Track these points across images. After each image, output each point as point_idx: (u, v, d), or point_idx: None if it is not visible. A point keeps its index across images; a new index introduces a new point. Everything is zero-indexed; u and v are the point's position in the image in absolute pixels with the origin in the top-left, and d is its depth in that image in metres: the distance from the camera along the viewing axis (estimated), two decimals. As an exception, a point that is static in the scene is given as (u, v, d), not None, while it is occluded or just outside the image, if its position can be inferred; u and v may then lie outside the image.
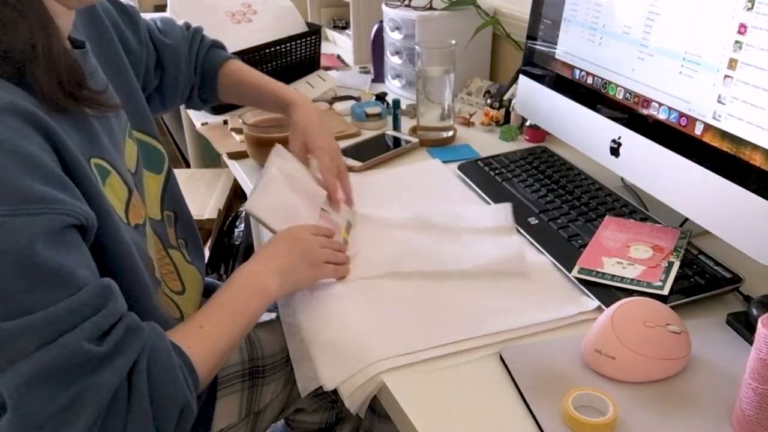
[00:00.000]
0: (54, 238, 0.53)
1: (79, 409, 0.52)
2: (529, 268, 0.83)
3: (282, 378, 0.91)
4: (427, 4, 1.47)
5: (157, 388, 0.57)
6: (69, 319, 0.53)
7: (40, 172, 0.54)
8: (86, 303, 0.54)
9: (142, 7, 2.80)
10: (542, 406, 0.61)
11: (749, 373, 0.56)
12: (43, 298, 0.51)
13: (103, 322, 0.55)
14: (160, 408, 0.57)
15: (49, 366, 0.51)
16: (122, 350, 0.56)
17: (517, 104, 1.21)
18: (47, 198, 0.53)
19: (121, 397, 0.55)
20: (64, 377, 0.52)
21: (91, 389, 0.53)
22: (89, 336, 0.54)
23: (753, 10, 0.69)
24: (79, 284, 0.54)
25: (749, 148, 0.71)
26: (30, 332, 0.51)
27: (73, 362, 0.52)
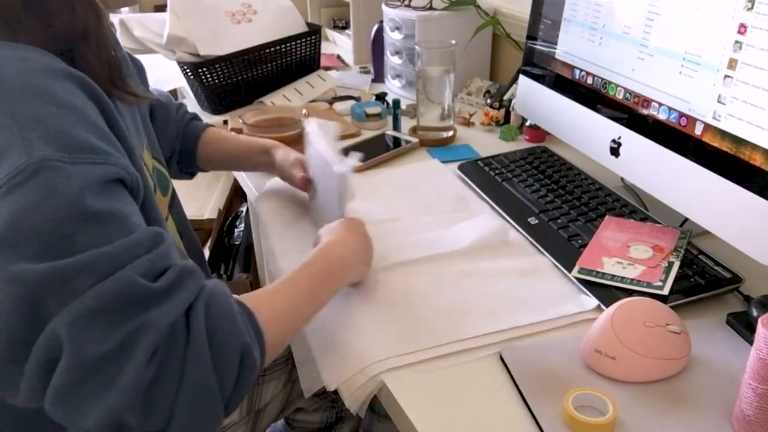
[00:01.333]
0: (108, 186, 0.54)
1: (135, 347, 0.50)
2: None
3: (282, 377, 0.91)
4: (427, 4, 1.47)
5: (215, 331, 0.55)
6: (122, 257, 0.52)
7: (95, 128, 0.56)
8: (139, 243, 0.54)
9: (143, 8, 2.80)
10: (542, 406, 0.61)
11: (749, 373, 0.56)
12: (96, 239, 0.51)
13: (157, 262, 0.54)
14: (219, 352, 0.54)
15: (102, 303, 0.50)
16: (178, 289, 0.54)
17: (517, 104, 1.21)
18: (103, 150, 0.55)
19: (178, 338, 0.53)
20: (117, 314, 0.51)
21: (146, 326, 0.51)
22: (143, 272, 0.53)
23: (753, 10, 0.69)
24: (131, 228, 0.54)
25: (749, 148, 0.71)
26: (83, 270, 0.50)
27: (127, 298, 0.51)
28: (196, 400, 0.52)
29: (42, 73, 0.55)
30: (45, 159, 0.51)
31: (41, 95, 0.54)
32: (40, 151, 0.51)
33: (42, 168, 0.51)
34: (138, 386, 0.50)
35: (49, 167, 0.51)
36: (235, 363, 0.55)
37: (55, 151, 0.52)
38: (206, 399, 0.53)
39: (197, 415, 0.53)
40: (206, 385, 0.53)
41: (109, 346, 0.50)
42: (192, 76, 1.40)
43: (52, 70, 0.56)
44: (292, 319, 0.66)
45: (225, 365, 0.54)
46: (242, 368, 0.56)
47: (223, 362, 0.54)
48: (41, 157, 0.51)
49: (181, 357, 0.52)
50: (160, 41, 1.38)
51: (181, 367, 0.52)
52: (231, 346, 0.55)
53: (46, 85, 0.55)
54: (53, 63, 0.57)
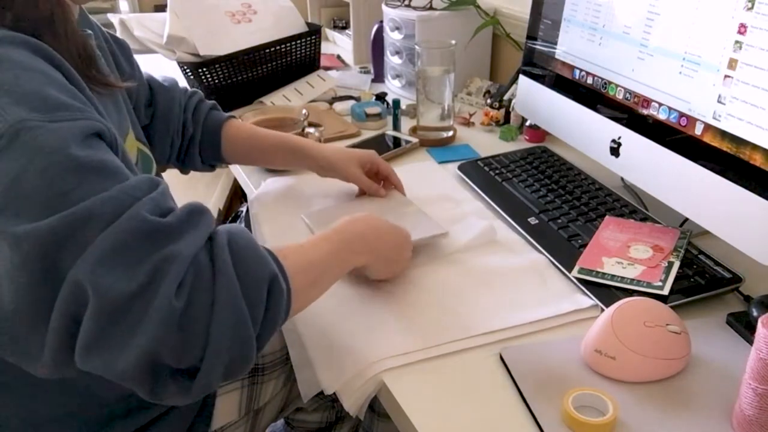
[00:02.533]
0: (91, 140, 0.54)
1: (161, 281, 0.50)
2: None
3: (282, 376, 0.91)
4: (427, 4, 1.47)
5: (240, 259, 0.54)
6: (125, 199, 0.52)
7: (63, 87, 0.56)
8: (138, 186, 0.54)
9: (142, 8, 2.79)
10: (542, 406, 0.61)
11: (749, 373, 0.56)
12: (93, 188, 0.51)
13: (161, 201, 0.54)
14: (247, 280, 0.54)
15: (119, 243, 0.50)
16: (191, 224, 0.54)
17: (517, 104, 1.21)
18: (77, 107, 0.55)
19: (204, 268, 0.53)
20: (137, 251, 0.50)
21: (169, 258, 0.51)
22: (152, 210, 0.52)
23: (753, 10, 0.69)
24: (125, 175, 0.54)
25: (749, 148, 0.71)
26: (89, 216, 0.50)
27: (143, 234, 0.51)
28: (229, 330, 0.52)
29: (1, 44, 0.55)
30: (22, 120, 0.51)
31: (3, 62, 0.54)
32: (14, 114, 0.51)
33: (21, 130, 0.50)
34: (170, 319, 0.49)
35: (28, 128, 0.51)
36: (263, 291, 0.55)
37: (29, 113, 0.51)
38: (238, 328, 0.52)
39: (231, 347, 0.52)
40: (237, 313, 0.52)
41: (135, 284, 0.49)
42: (192, 76, 1.40)
43: (7, 38, 0.55)
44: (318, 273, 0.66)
45: (254, 293, 0.54)
46: (270, 297, 0.55)
47: (252, 290, 0.54)
48: (17, 119, 0.51)
49: (210, 286, 0.52)
50: (160, 41, 1.38)
51: (211, 297, 0.51)
52: (258, 274, 0.55)
53: (6, 53, 0.54)
54: (8, 33, 0.56)
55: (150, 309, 0.49)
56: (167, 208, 0.55)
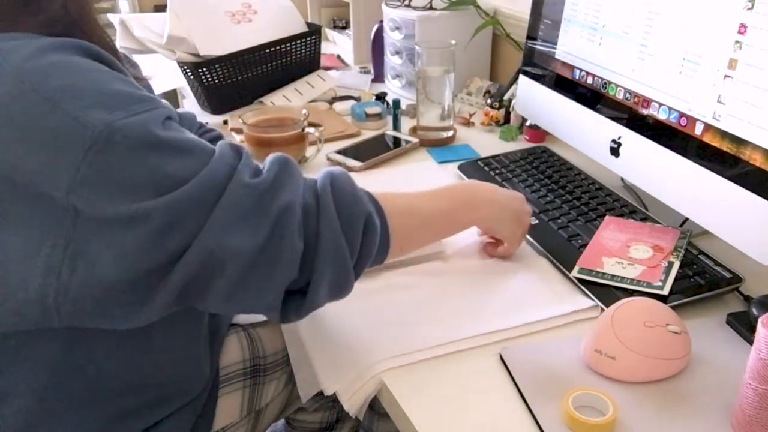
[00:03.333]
0: (167, 125, 0.57)
1: (284, 230, 0.57)
2: (529, 266, 0.83)
3: (283, 377, 0.91)
4: (427, 4, 1.47)
5: (340, 200, 0.62)
6: (225, 169, 0.57)
7: (125, 81, 0.58)
8: (229, 154, 0.59)
9: (142, 8, 2.79)
10: (542, 406, 0.61)
11: (749, 373, 0.56)
12: (195, 164, 0.55)
13: (251, 164, 0.60)
14: (345, 216, 0.62)
15: (235, 210, 0.55)
16: (287, 173, 0.61)
17: (517, 104, 1.21)
18: (146, 97, 0.57)
19: (311, 212, 0.60)
20: (253, 212, 0.56)
21: (283, 210, 0.58)
22: (249, 174, 0.58)
23: (753, 10, 0.69)
24: (212, 148, 0.59)
25: (749, 148, 0.71)
26: (201, 190, 0.54)
27: (252, 197, 0.56)
28: (331, 261, 0.60)
29: (48, 50, 0.55)
30: (108, 124, 0.52)
31: (61, 68, 0.54)
32: (98, 118, 0.52)
33: (110, 133, 0.52)
34: (294, 259, 0.58)
35: (117, 128, 0.52)
36: (359, 227, 0.63)
37: (111, 113, 0.53)
38: (338, 259, 0.61)
39: (332, 274, 0.61)
40: (337, 247, 0.61)
41: (262, 239, 0.56)
42: (192, 76, 1.40)
43: (54, 44, 0.56)
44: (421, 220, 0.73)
45: (351, 229, 0.62)
46: (366, 233, 0.63)
47: (349, 226, 0.62)
48: (104, 123, 0.52)
49: (316, 226, 0.60)
50: (160, 41, 1.38)
51: (318, 234, 0.60)
52: (355, 211, 0.63)
53: (58, 58, 0.55)
54: (48, 41, 0.57)
55: (281, 255, 0.57)
56: (257, 167, 0.61)
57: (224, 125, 1.38)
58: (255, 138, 1.13)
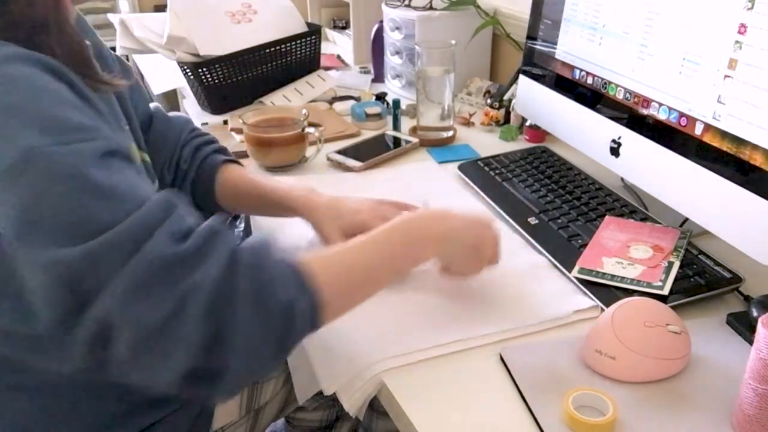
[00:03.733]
0: (104, 161, 0.54)
1: (186, 310, 0.51)
2: (529, 266, 0.83)
3: (282, 375, 0.91)
4: (427, 4, 1.47)
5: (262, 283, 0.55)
6: (145, 229, 0.52)
7: (73, 104, 0.55)
8: (155, 212, 0.53)
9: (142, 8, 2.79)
10: (542, 406, 0.61)
11: (749, 373, 0.56)
12: (113, 214, 0.51)
13: (179, 226, 0.54)
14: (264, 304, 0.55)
15: (143, 277, 0.51)
16: (212, 246, 0.54)
17: (517, 104, 1.21)
18: (87, 126, 0.54)
19: (225, 294, 0.53)
20: (160, 282, 0.51)
21: (193, 288, 0.52)
22: (170, 238, 0.53)
23: (753, 10, 0.69)
24: (142, 197, 0.54)
25: (749, 148, 0.71)
26: (112, 249, 0.50)
27: (163, 267, 0.51)
28: (248, 350, 0.53)
29: (3, 62, 0.54)
30: (32, 147, 0.50)
31: (9, 83, 0.53)
32: (25, 139, 0.50)
33: (34, 156, 0.50)
34: (199, 344, 0.51)
35: (41, 154, 0.50)
36: (280, 313, 0.55)
37: (41, 136, 0.51)
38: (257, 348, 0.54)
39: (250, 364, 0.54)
40: (256, 336, 0.54)
41: (163, 313, 0.50)
42: (192, 76, 1.40)
43: (12, 56, 0.55)
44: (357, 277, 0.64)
45: (272, 316, 0.55)
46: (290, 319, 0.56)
47: (272, 312, 0.55)
48: (29, 145, 0.50)
49: (231, 312, 0.53)
50: (160, 41, 1.38)
51: (232, 321, 0.53)
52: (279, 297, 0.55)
53: (11, 72, 0.54)
54: (11, 49, 0.56)
55: (180, 335, 0.51)
56: (186, 230, 0.55)
57: (224, 125, 1.38)
58: (255, 138, 1.13)
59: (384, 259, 0.66)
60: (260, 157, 1.15)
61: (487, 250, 0.75)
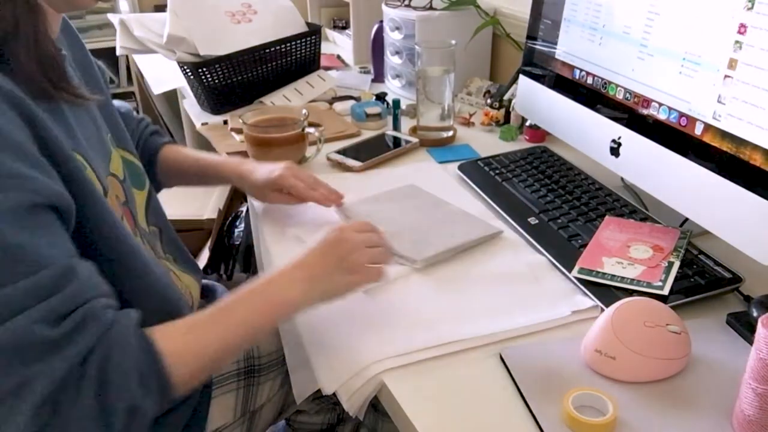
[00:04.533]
0: (21, 215, 0.52)
1: (26, 395, 0.50)
2: (529, 266, 0.83)
3: (278, 377, 0.91)
4: (427, 4, 1.47)
5: (106, 381, 0.54)
6: (23, 300, 0.50)
7: (14, 148, 0.53)
8: (44, 285, 0.52)
9: (142, 8, 2.80)
10: (542, 406, 0.61)
11: (749, 373, 0.56)
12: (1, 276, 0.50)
13: (59, 306, 0.53)
14: (106, 403, 0.54)
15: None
16: (76, 337, 0.53)
17: (517, 104, 1.21)
18: (18, 174, 0.52)
19: (68, 391, 0.52)
20: (10, 361, 0.49)
21: (40, 376, 0.50)
22: (42, 318, 0.51)
23: (753, 10, 0.69)
24: (40, 264, 0.52)
25: (749, 148, 0.71)
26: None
27: (21, 345, 0.50)
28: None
29: None
30: None
31: None
32: None
33: None
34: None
35: None
36: (121, 415, 0.54)
37: None
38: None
39: None
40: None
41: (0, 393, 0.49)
42: (192, 76, 1.40)
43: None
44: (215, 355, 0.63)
45: (111, 415, 0.54)
46: (130, 421, 0.55)
47: (110, 413, 0.54)
48: None
49: (69, 411, 0.52)
50: (160, 41, 1.38)
51: (67, 422, 0.51)
52: (118, 400, 0.54)
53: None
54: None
55: (6, 424, 0.49)
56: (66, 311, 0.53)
57: (224, 125, 1.38)
58: (255, 138, 1.13)
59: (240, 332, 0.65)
60: (260, 157, 1.15)
61: (352, 258, 0.71)
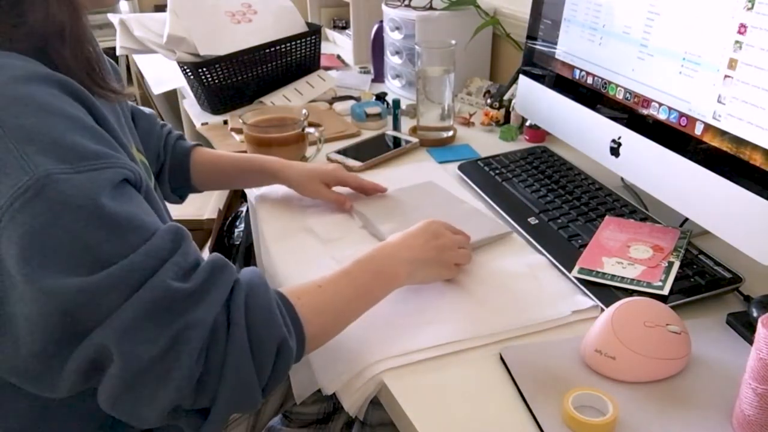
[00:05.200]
0: (117, 190, 0.54)
1: (182, 348, 0.53)
2: (529, 266, 0.83)
3: None
4: (427, 4, 1.47)
5: (254, 323, 0.57)
6: (150, 264, 0.53)
7: (89, 131, 0.55)
8: (162, 246, 0.54)
9: (142, 8, 2.80)
10: (542, 406, 0.61)
11: (749, 373, 0.56)
12: (120, 246, 0.52)
13: (183, 262, 0.55)
14: (258, 343, 0.57)
15: (143, 312, 0.51)
16: (213, 285, 0.56)
17: (517, 104, 1.21)
18: (103, 154, 0.54)
19: (220, 333, 0.56)
20: (160, 320, 0.52)
21: (189, 326, 0.53)
22: (174, 276, 0.54)
23: (753, 10, 0.69)
24: (150, 229, 0.55)
25: (749, 148, 0.71)
26: (116, 283, 0.51)
27: (165, 303, 0.53)
28: (237, 386, 0.56)
29: (24, 81, 0.53)
30: (48, 174, 0.50)
31: (28, 104, 0.52)
32: (41, 165, 0.50)
33: (47, 184, 0.50)
34: (188, 382, 0.53)
35: (55, 181, 0.50)
36: (272, 353, 0.58)
37: (56, 164, 0.51)
38: (245, 385, 0.56)
39: (237, 400, 0.56)
40: (245, 373, 0.56)
41: (158, 350, 0.52)
42: (192, 76, 1.40)
43: (34, 76, 0.55)
44: (337, 310, 0.68)
45: (263, 355, 0.57)
46: (278, 358, 0.59)
47: (261, 352, 0.57)
48: (45, 173, 0.50)
49: (223, 350, 0.55)
50: (160, 41, 1.38)
51: (223, 359, 0.55)
52: (269, 338, 0.58)
53: (31, 93, 0.53)
54: (32, 68, 0.55)
55: (172, 372, 0.52)
56: (190, 265, 0.56)
57: (224, 125, 1.38)
58: (255, 138, 1.13)
59: (360, 293, 0.70)
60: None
61: (447, 255, 0.79)
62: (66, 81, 0.57)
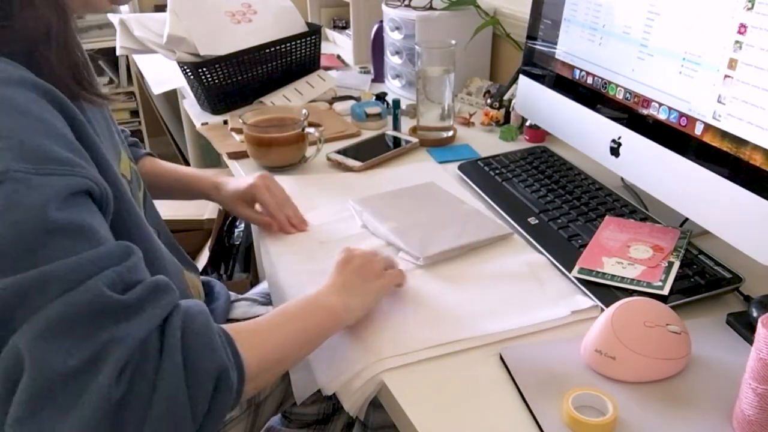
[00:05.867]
0: (75, 198, 0.53)
1: (102, 363, 0.47)
2: (529, 266, 0.83)
3: None
4: (427, 4, 1.47)
5: (191, 347, 0.52)
6: (89, 268, 0.50)
7: (61, 138, 0.54)
8: (107, 255, 0.51)
9: (142, 8, 2.80)
10: (542, 406, 0.61)
11: (749, 373, 0.56)
12: (61, 252, 0.49)
13: (126, 274, 0.52)
14: (194, 370, 0.51)
15: (68, 315, 0.47)
16: (150, 303, 0.52)
17: (517, 104, 1.21)
18: (69, 161, 0.53)
19: (150, 354, 0.50)
20: (84, 328, 0.48)
21: (115, 340, 0.48)
22: (111, 285, 0.50)
23: (753, 10, 0.69)
24: (99, 240, 0.52)
25: (749, 148, 0.71)
26: (47, 282, 0.48)
27: (95, 310, 0.48)
28: (166, 418, 0.49)
29: (4, 84, 0.54)
30: (8, 170, 0.49)
31: (4, 105, 0.52)
32: (2, 162, 0.50)
33: (5, 180, 0.49)
34: (106, 404, 0.47)
35: (13, 179, 0.49)
36: (209, 383, 0.52)
37: (18, 162, 0.50)
38: (176, 418, 0.50)
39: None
40: (178, 404, 0.50)
41: (74, 362, 0.47)
42: (192, 76, 1.40)
43: (16, 79, 0.54)
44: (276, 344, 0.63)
45: (199, 385, 0.51)
46: (217, 391, 0.53)
47: (197, 382, 0.51)
48: (3, 168, 0.49)
49: (153, 374, 0.50)
50: (160, 41, 1.38)
51: (152, 384, 0.49)
52: (207, 365, 0.52)
53: (10, 95, 0.53)
54: (17, 72, 0.55)
55: (86, 392, 0.47)
56: (132, 281, 0.52)
57: (224, 125, 1.38)
58: (255, 138, 1.13)
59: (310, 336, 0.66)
60: (260, 157, 1.15)
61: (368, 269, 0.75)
62: (49, 89, 0.56)
